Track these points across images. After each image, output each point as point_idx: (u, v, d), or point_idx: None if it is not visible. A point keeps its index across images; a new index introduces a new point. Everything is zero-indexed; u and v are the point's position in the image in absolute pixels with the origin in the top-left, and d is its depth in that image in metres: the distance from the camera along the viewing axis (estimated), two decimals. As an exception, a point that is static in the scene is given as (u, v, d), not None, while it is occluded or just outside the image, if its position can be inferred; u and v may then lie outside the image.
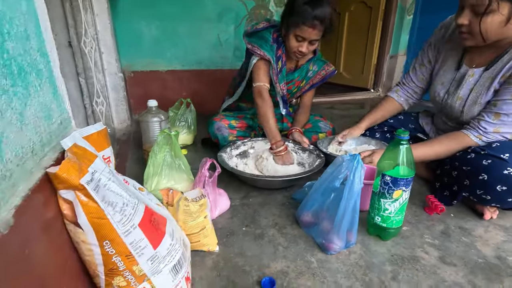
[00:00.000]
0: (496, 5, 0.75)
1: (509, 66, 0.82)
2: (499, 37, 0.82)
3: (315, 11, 1.04)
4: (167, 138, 1.00)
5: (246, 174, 1.02)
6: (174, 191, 0.74)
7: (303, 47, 1.13)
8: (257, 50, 1.17)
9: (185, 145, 1.52)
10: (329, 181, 0.78)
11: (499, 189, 0.80)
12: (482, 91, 0.89)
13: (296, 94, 1.40)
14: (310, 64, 1.33)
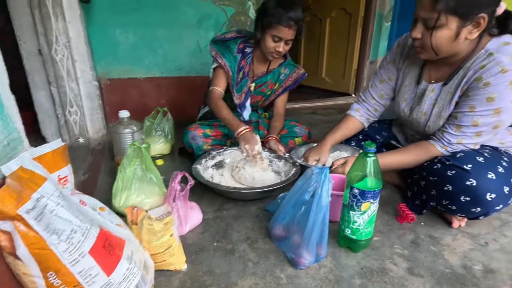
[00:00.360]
0: (444, 19, 0.76)
1: (465, 80, 0.84)
2: (451, 52, 0.84)
3: (289, 12, 1.11)
4: (137, 151, 0.97)
5: (220, 186, 1.01)
6: (139, 209, 0.72)
7: (280, 47, 1.18)
8: (219, 59, 1.25)
9: (162, 155, 1.49)
10: (299, 194, 0.78)
11: (463, 199, 0.82)
12: (444, 105, 0.91)
13: (271, 97, 1.43)
14: (281, 68, 1.39)
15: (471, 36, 0.79)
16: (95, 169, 1.32)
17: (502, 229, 0.91)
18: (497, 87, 0.77)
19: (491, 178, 0.80)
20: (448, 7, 0.75)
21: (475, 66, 0.82)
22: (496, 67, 0.77)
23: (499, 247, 0.83)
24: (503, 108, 0.79)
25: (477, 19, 0.76)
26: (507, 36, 0.81)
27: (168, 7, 1.89)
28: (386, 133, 1.27)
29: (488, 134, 0.86)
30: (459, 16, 0.75)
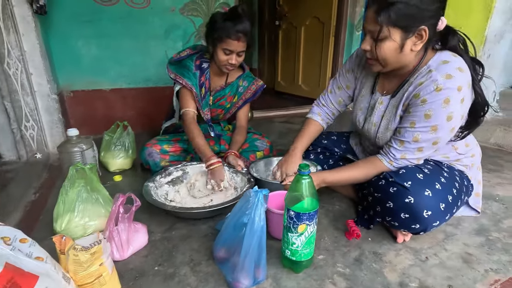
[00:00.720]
0: (387, 31, 0.78)
1: (408, 95, 0.86)
2: (399, 64, 0.85)
3: (237, 25, 1.13)
4: (81, 172, 0.95)
5: (165, 206, 0.99)
6: (67, 238, 0.69)
7: (232, 59, 1.19)
8: (179, 80, 1.23)
9: (122, 170, 1.46)
10: (238, 216, 0.77)
11: (403, 216, 0.83)
12: (391, 118, 0.93)
13: (231, 110, 1.43)
14: (240, 80, 1.39)
15: (415, 48, 0.81)
16: (49, 187, 1.27)
17: (445, 242, 0.93)
18: (433, 105, 0.79)
19: (427, 195, 0.81)
20: (390, 20, 0.76)
21: (416, 82, 0.84)
22: (432, 85, 0.79)
23: (438, 262, 0.85)
24: (439, 125, 0.81)
25: (419, 31, 0.78)
26: (448, 54, 0.83)
27: (132, 19, 1.87)
28: (344, 145, 1.29)
29: (429, 149, 0.88)
30: (401, 28, 0.77)
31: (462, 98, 0.78)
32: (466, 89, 0.78)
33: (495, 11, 1.70)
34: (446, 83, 0.77)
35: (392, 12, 0.75)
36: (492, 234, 0.98)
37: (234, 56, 1.19)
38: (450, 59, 0.81)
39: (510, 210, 1.12)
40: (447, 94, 0.77)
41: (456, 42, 0.84)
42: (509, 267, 0.83)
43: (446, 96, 0.77)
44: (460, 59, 0.81)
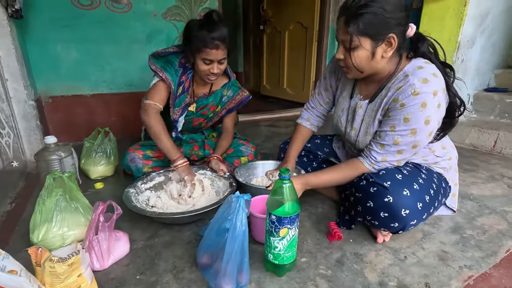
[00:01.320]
0: (358, 41, 0.81)
1: (386, 100, 0.89)
2: (372, 70, 0.89)
3: (212, 33, 1.08)
4: (59, 180, 0.93)
5: (144, 212, 0.97)
6: (43, 250, 0.67)
7: (213, 69, 1.16)
8: (159, 72, 1.19)
9: (104, 177, 1.43)
10: (221, 221, 0.77)
11: (382, 215, 0.85)
12: (370, 122, 0.96)
13: (214, 119, 1.41)
14: (224, 90, 1.36)
15: (386, 55, 0.84)
16: (25, 196, 1.23)
17: (422, 241, 0.97)
18: (411, 109, 0.82)
19: (406, 194, 0.84)
20: (359, 30, 0.80)
21: (394, 87, 0.87)
22: (409, 89, 0.82)
23: (416, 260, 0.88)
24: (418, 128, 0.84)
25: (387, 39, 0.81)
26: (421, 61, 0.87)
27: (113, 23, 1.85)
28: (327, 149, 1.31)
29: (408, 152, 0.91)
30: (370, 37, 0.81)
31: (438, 103, 0.82)
32: (441, 94, 0.82)
33: (467, 18, 1.78)
34: (423, 87, 0.80)
35: (361, 22, 0.79)
36: (467, 231, 1.02)
37: (215, 65, 1.15)
38: (425, 66, 0.85)
39: (484, 208, 1.17)
40: (424, 98, 0.80)
41: (426, 48, 0.88)
42: (481, 263, 0.87)
43: (423, 100, 0.80)
44: (433, 65, 0.85)
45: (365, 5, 0.78)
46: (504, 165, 1.61)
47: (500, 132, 1.76)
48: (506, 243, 0.96)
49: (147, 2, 1.91)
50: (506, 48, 2.18)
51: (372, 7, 0.77)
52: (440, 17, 1.87)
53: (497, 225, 1.05)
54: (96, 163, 1.40)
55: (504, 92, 2.01)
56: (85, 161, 1.40)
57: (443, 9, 1.85)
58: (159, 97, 1.21)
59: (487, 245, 0.95)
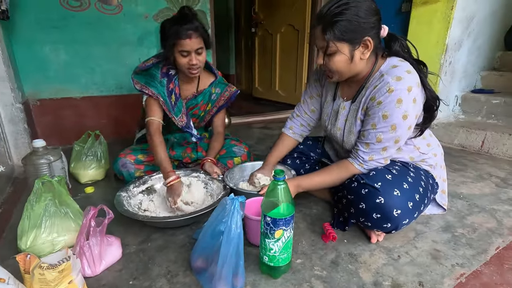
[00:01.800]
0: (335, 46, 0.84)
1: (365, 99, 0.92)
2: (352, 73, 0.91)
3: (184, 25, 1.11)
4: (48, 185, 0.90)
5: (136, 216, 0.96)
6: (32, 256, 0.65)
7: (192, 60, 1.15)
8: (145, 90, 1.19)
9: (95, 181, 1.41)
10: (215, 224, 0.76)
11: (375, 216, 0.86)
12: (352, 122, 0.98)
13: (206, 118, 1.41)
14: (212, 88, 1.36)
15: (364, 57, 0.87)
16: (13, 202, 1.20)
17: (415, 240, 0.98)
18: (388, 106, 0.85)
19: (396, 195, 0.85)
20: (335, 36, 0.83)
21: (371, 86, 0.90)
22: (385, 87, 0.85)
23: (409, 260, 0.89)
24: (397, 124, 0.86)
25: (364, 42, 0.85)
26: (396, 60, 0.90)
27: (103, 25, 1.82)
28: (320, 150, 1.32)
29: (392, 148, 0.92)
30: (347, 41, 0.84)
31: (413, 98, 0.84)
32: (416, 89, 0.85)
33: (454, 21, 1.83)
34: (397, 84, 0.83)
35: (336, 29, 0.82)
36: (458, 230, 1.04)
37: (193, 56, 1.15)
38: (399, 64, 0.88)
39: (473, 207, 1.20)
40: (399, 94, 0.83)
41: (399, 46, 0.92)
42: (473, 261, 0.88)
43: (398, 97, 0.83)
44: (407, 63, 0.89)
45: (339, 13, 0.82)
46: (492, 165, 1.65)
47: (487, 133, 1.81)
48: (496, 241, 0.98)
49: (138, 4, 1.90)
50: (491, 50, 2.24)
51: (346, 14, 0.81)
52: (428, 20, 1.91)
53: (486, 223, 1.08)
54: (87, 166, 1.37)
55: (490, 93, 2.07)
56: (74, 164, 1.37)
57: (431, 13, 1.89)
58: (156, 112, 1.22)
59: (477, 243, 0.97)
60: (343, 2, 0.82)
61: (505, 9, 2.13)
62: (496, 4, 2.05)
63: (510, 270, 0.84)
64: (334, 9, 0.82)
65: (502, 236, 1.00)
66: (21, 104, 1.54)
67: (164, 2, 1.98)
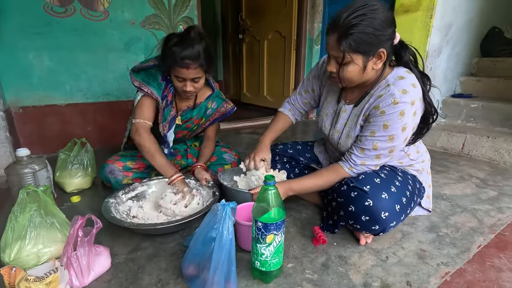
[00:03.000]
0: (350, 57, 0.84)
1: (368, 106, 0.93)
2: (362, 81, 0.93)
3: (183, 52, 1.04)
4: (33, 195, 0.88)
5: (123, 223, 0.94)
6: (17, 269, 0.64)
7: (186, 86, 1.12)
8: (144, 88, 1.14)
9: (81, 190, 1.37)
10: (206, 230, 0.76)
11: (364, 219, 0.88)
12: (352, 126, 0.99)
13: (197, 131, 1.40)
14: (208, 102, 1.34)
15: (376, 67, 0.89)
16: (-6, 214, 1.15)
17: (402, 241, 1.01)
18: (390, 116, 0.87)
19: (384, 197, 0.88)
20: (351, 47, 0.83)
21: (376, 94, 0.91)
22: (390, 98, 0.86)
23: (397, 260, 0.91)
24: (395, 135, 0.89)
25: (378, 53, 0.85)
26: (403, 70, 0.92)
27: (89, 31, 1.80)
28: (309, 154, 1.34)
29: (386, 157, 0.95)
30: (361, 53, 0.84)
31: (414, 111, 0.87)
32: (418, 103, 0.87)
33: (433, 29, 1.91)
34: (402, 97, 0.85)
35: (352, 40, 0.81)
36: (442, 230, 1.07)
37: (188, 83, 1.11)
38: (406, 76, 0.90)
39: (456, 207, 1.24)
40: (403, 107, 0.85)
41: (408, 56, 0.93)
42: (456, 259, 0.91)
43: (402, 109, 0.85)
44: (413, 75, 0.90)
45: (356, 24, 0.80)
46: (472, 166, 1.71)
47: (467, 135, 1.89)
48: (477, 239, 1.02)
49: (124, 10, 1.89)
50: (468, 57, 2.35)
51: (362, 26, 0.80)
52: (409, 28, 1.99)
53: (468, 223, 1.12)
54: (72, 175, 1.34)
55: (469, 97, 2.16)
56: (60, 173, 1.34)
57: (411, 21, 1.97)
58: (147, 114, 1.17)
59: (460, 242, 1.00)
60: (360, 12, 0.80)
61: (480, 18, 2.25)
62: (472, 13, 2.16)
63: (491, 268, 0.88)
64: (352, 19, 0.80)
65: (483, 235, 1.04)
66: (3, 112, 1.49)
67: (151, 8, 1.97)
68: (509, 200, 1.29)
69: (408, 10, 1.98)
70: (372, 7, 0.81)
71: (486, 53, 2.38)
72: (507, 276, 0.84)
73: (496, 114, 1.95)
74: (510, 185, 1.46)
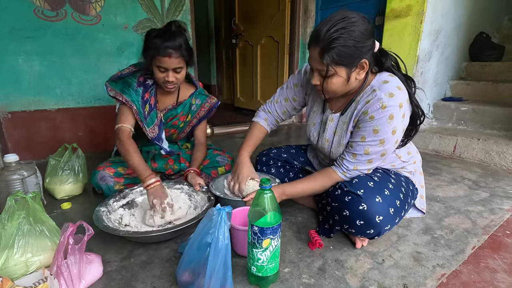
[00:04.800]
0: (333, 70, 0.86)
1: (356, 113, 0.94)
2: (346, 91, 0.94)
3: (165, 42, 1.08)
4: (22, 202, 0.85)
5: (116, 231, 0.91)
6: (4, 279, 0.61)
7: (168, 76, 1.14)
8: (119, 97, 1.18)
9: (72, 197, 1.34)
10: (202, 236, 0.75)
11: (358, 223, 0.88)
12: (342, 134, 1.00)
13: (186, 129, 1.40)
14: (192, 99, 1.36)
15: (360, 77, 0.90)
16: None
17: (398, 243, 1.01)
18: (379, 121, 0.87)
19: (378, 201, 0.88)
20: (334, 60, 0.84)
21: (363, 101, 0.92)
22: (377, 103, 0.87)
23: (393, 263, 0.91)
24: (386, 139, 0.89)
25: (360, 64, 0.86)
26: (386, 75, 0.93)
27: (81, 35, 1.78)
28: (303, 158, 1.34)
29: (377, 160, 0.95)
30: (344, 65, 0.85)
31: (403, 113, 0.88)
32: (405, 105, 0.88)
33: (423, 34, 1.95)
34: (390, 101, 0.86)
35: (334, 54, 0.82)
36: (436, 232, 1.08)
37: (170, 73, 1.13)
38: (389, 79, 0.91)
39: (449, 209, 1.25)
40: (391, 111, 0.86)
41: (390, 63, 0.95)
42: (452, 261, 0.92)
43: (391, 113, 0.86)
44: (396, 78, 0.92)
45: (337, 38, 0.81)
46: (464, 168, 1.74)
47: (458, 138, 1.91)
48: (472, 241, 1.02)
49: (117, 14, 1.88)
50: (458, 61, 2.40)
51: (343, 39, 0.81)
52: (400, 33, 2.03)
53: (462, 224, 1.13)
54: (63, 181, 1.31)
55: (459, 101, 2.20)
56: (49, 180, 1.31)
57: (402, 26, 2.01)
58: (128, 119, 1.19)
59: (455, 243, 1.01)
60: (340, 26, 0.81)
61: (468, 23, 2.30)
62: (460, 19, 2.21)
63: (486, 269, 0.88)
64: (332, 33, 0.81)
65: (477, 236, 1.05)
66: (-9, 117, 1.45)
67: (144, 13, 1.97)
68: (501, 201, 1.31)
69: (398, 15, 2.02)
70: (351, 20, 0.82)
71: (475, 58, 2.44)
72: (501, 277, 0.85)
73: (485, 117, 1.99)
74: (501, 186, 1.48)
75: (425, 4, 1.88)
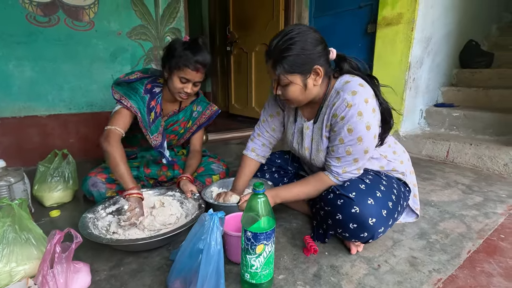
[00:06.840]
0: (287, 79, 0.89)
1: (327, 117, 0.95)
2: (309, 98, 0.96)
3: (196, 56, 1.11)
4: (7, 209, 0.82)
5: (100, 239, 0.88)
6: (-15, 290, 0.58)
7: (188, 88, 1.16)
8: (124, 101, 1.15)
9: (61, 204, 1.31)
10: (193, 242, 0.73)
11: (351, 226, 0.87)
12: (319, 140, 1.01)
13: (185, 135, 1.39)
14: (194, 105, 1.37)
15: (317, 83, 0.92)
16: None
17: (393, 248, 0.99)
18: (350, 120, 0.89)
19: (370, 203, 0.87)
20: (285, 70, 0.88)
21: (330, 104, 0.94)
22: (343, 103, 0.89)
23: (389, 268, 0.90)
24: (362, 135, 0.90)
25: (314, 70, 0.89)
26: (347, 76, 0.96)
27: (73, 41, 1.77)
28: (297, 163, 1.33)
29: (363, 159, 0.95)
30: (297, 73, 0.88)
31: (372, 108, 0.89)
32: (372, 100, 0.89)
33: (415, 41, 1.98)
34: (354, 99, 0.87)
35: (285, 64, 0.87)
36: (432, 236, 1.07)
37: (190, 85, 1.16)
38: (351, 79, 0.93)
39: (444, 213, 1.25)
40: (358, 107, 0.87)
41: (348, 66, 0.97)
42: (448, 266, 0.91)
43: (358, 110, 0.87)
44: (358, 78, 0.94)
45: (286, 48, 0.85)
46: (457, 173, 1.75)
47: (451, 143, 1.93)
48: (467, 245, 1.02)
49: (110, 21, 1.87)
50: (448, 68, 2.44)
51: (293, 49, 0.85)
52: (392, 40, 2.06)
53: (457, 229, 1.12)
54: (52, 188, 1.28)
55: (451, 107, 2.23)
56: (38, 187, 1.27)
57: (394, 34, 2.04)
58: (123, 123, 1.16)
59: (450, 248, 1.00)
60: (289, 37, 0.86)
61: (458, 31, 2.36)
62: (450, 26, 2.26)
63: (482, 273, 0.88)
64: (281, 44, 0.86)
65: (472, 240, 1.05)
66: (-21, 123, 1.42)
67: (138, 19, 1.97)
68: (494, 206, 1.32)
69: (390, 23, 2.06)
70: (298, 31, 0.86)
71: (465, 65, 2.49)
72: (497, 281, 0.84)
73: (477, 122, 2.02)
74: (494, 190, 1.49)
75: (416, 12, 1.92)
